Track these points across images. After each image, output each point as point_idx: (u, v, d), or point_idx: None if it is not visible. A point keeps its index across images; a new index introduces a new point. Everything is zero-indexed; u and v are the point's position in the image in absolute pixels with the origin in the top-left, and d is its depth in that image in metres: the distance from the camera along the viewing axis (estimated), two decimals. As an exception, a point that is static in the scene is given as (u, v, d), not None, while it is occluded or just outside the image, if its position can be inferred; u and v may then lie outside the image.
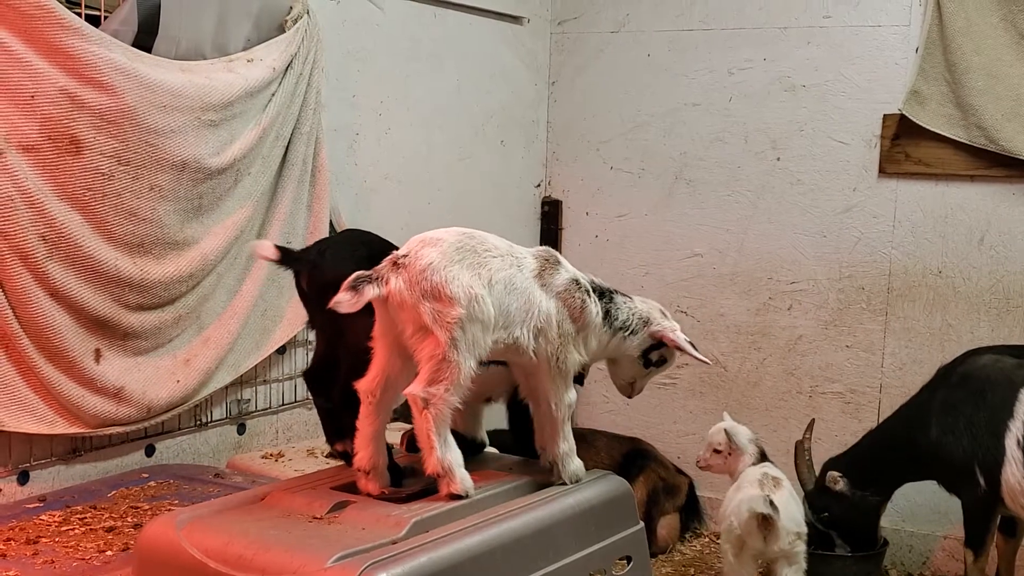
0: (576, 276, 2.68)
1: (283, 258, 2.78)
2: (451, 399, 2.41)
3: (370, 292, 2.40)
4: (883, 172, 4.72)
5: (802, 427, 4.61)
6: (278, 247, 2.78)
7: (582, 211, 5.40)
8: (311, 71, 3.79)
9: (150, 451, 3.59)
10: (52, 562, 2.69)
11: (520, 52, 5.19)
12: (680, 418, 5.19)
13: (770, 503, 3.56)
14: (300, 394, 4.12)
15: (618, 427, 5.17)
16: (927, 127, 4.55)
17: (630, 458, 4.81)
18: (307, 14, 3.77)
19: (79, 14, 3.06)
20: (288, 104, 3.71)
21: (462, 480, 2.48)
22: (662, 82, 5.15)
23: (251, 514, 2.48)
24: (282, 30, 3.69)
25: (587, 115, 5.34)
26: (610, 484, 2.85)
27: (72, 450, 3.33)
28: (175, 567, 2.32)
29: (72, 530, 2.92)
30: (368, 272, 2.43)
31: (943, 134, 4.53)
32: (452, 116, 4.79)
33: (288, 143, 3.77)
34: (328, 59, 3.96)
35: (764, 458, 3.93)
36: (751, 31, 4.93)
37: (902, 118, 4.61)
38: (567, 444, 2.71)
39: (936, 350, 4.62)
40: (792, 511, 3.69)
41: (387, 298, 2.42)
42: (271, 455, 3.82)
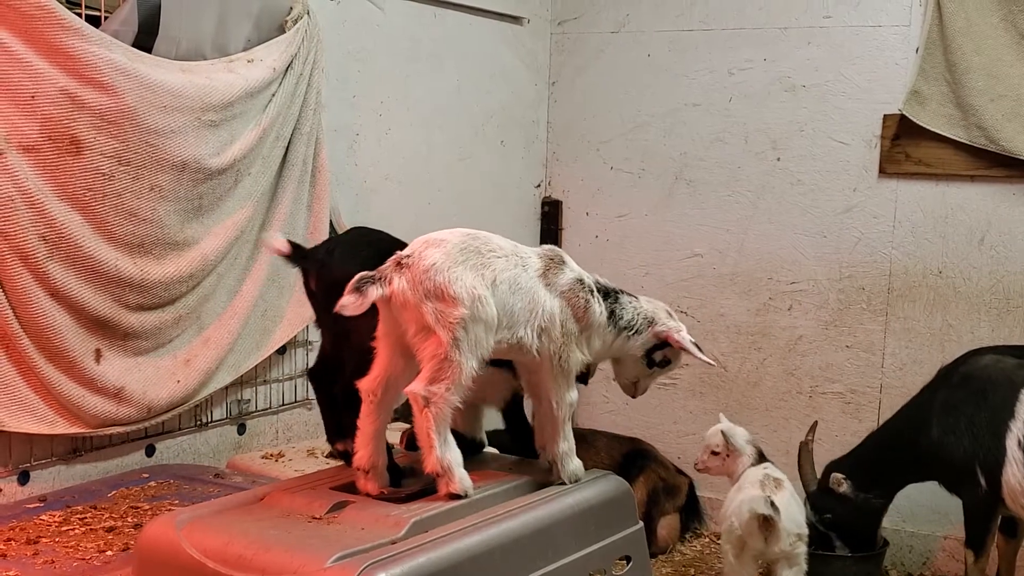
0: (581, 276, 2.68)
1: (293, 254, 2.78)
2: (452, 398, 2.42)
3: (374, 293, 2.41)
4: (883, 172, 4.72)
5: (802, 427, 4.61)
6: (290, 242, 2.77)
7: (582, 211, 5.40)
8: (311, 71, 3.79)
9: (150, 451, 3.59)
10: (52, 562, 2.69)
11: (520, 52, 5.19)
12: (680, 418, 5.19)
13: (771, 504, 3.56)
14: (300, 394, 4.12)
15: (618, 427, 5.17)
16: (927, 127, 4.55)
17: (630, 458, 4.81)
18: (307, 14, 3.77)
19: (79, 15, 3.06)
20: (288, 104, 3.71)
21: (461, 480, 2.49)
22: (662, 82, 5.15)
23: (251, 514, 2.48)
24: (282, 30, 3.69)
25: (587, 115, 5.34)
26: (610, 484, 2.85)
27: (72, 450, 3.34)
28: (175, 567, 2.32)
29: (72, 530, 2.92)
30: (371, 273, 2.44)
31: (943, 134, 4.53)
32: (452, 116, 4.79)
33: (288, 143, 3.77)
34: (328, 59, 3.96)
35: (763, 458, 3.93)
36: (751, 31, 4.93)
37: (902, 118, 4.60)
38: (567, 443, 2.71)
39: (936, 350, 4.62)
40: (793, 512, 3.68)
41: (390, 298, 2.43)
42: (271, 455, 3.82)
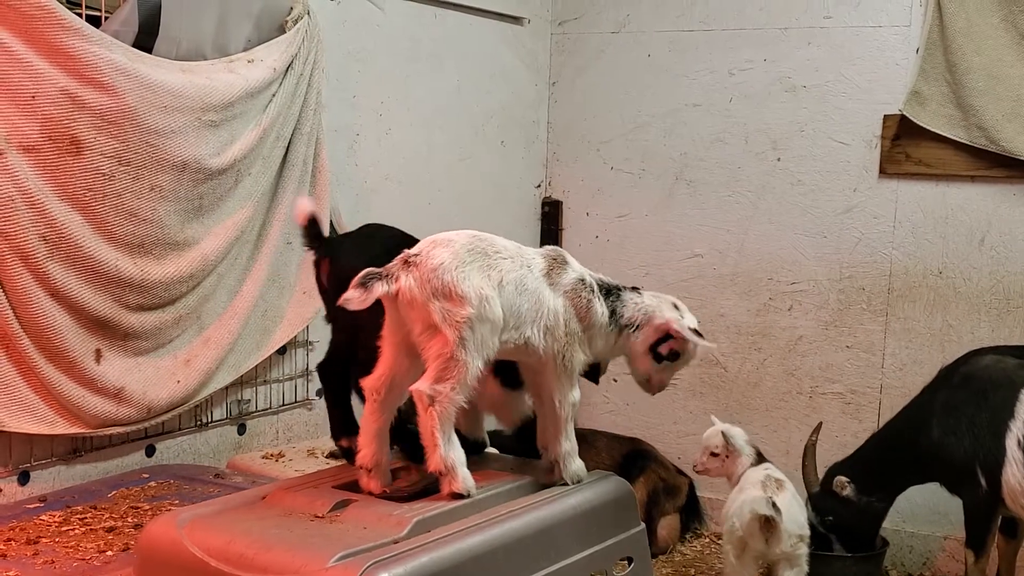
0: (582, 275, 2.69)
1: (310, 228, 2.78)
2: (457, 398, 2.42)
3: (379, 289, 2.41)
4: (883, 173, 4.72)
5: (802, 427, 4.61)
6: (313, 216, 2.77)
7: (582, 211, 5.40)
8: (311, 71, 3.79)
9: (150, 451, 3.59)
10: (52, 562, 2.69)
11: (520, 52, 5.18)
12: (680, 419, 5.19)
13: (773, 505, 3.55)
14: (300, 395, 4.12)
15: (618, 428, 5.17)
16: (927, 127, 4.55)
17: (630, 459, 4.81)
18: (307, 15, 3.76)
19: (80, 15, 3.06)
20: (288, 105, 3.70)
21: (464, 479, 2.48)
22: (663, 83, 5.15)
23: (253, 513, 2.48)
24: (283, 31, 3.69)
25: (587, 115, 5.33)
26: (611, 485, 2.84)
27: (72, 450, 3.33)
28: (177, 566, 2.32)
29: (72, 530, 2.92)
30: (378, 269, 2.45)
31: (943, 135, 4.53)
32: (452, 116, 4.79)
33: (288, 144, 3.76)
34: (328, 59, 3.96)
35: (762, 459, 3.92)
36: (752, 32, 4.93)
37: (902, 119, 4.61)
38: (569, 443, 2.71)
39: (936, 351, 4.62)
40: (795, 513, 3.67)
41: (397, 296, 2.43)
42: (271, 455, 3.82)
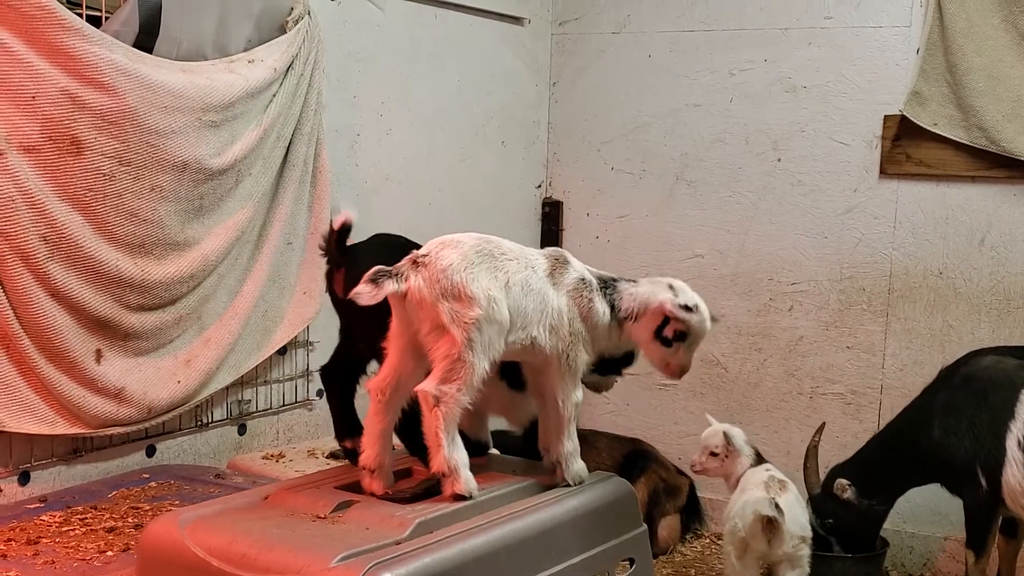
0: (583, 275, 2.70)
1: (338, 239, 2.75)
2: (462, 399, 2.43)
3: (389, 287, 2.42)
4: (884, 173, 4.71)
5: (803, 428, 4.61)
6: (346, 226, 2.73)
7: (583, 212, 5.40)
8: (312, 72, 3.79)
9: (151, 452, 3.58)
10: (53, 563, 2.68)
11: (521, 53, 5.18)
12: (681, 419, 5.19)
13: (775, 506, 3.55)
14: (301, 395, 4.11)
15: (619, 428, 5.17)
16: (928, 128, 4.54)
17: (631, 459, 4.81)
18: (308, 15, 3.76)
19: (80, 15, 3.06)
20: (289, 105, 3.70)
21: (467, 481, 2.49)
22: (663, 83, 5.14)
23: (255, 513, 2.48)
24: (283, 31, 3.69)
25: (588, 116, 5.33)
26: (613, 486, 2.84)
27: (73, 450, 3.33)
28: (178, 566, 2.32)
29: (73, 530, 2.92)
30: (388, 268, 2.45)
31: (944, 135, 4.53)
32: (453, 117, 4.79)
33: (289, 144, 3.76)
34: (329, 60, 3.96)
35: (761, 459, 3.91)
36: (752, 32, 4.93)
37: (903, 119, 4.60)
38: (572, 444, 2.71)
39: (937, 351, 4.61)
40: (797, 515, 3.66)
41: (406, 295, 2.44)
42: (272, 456, 3.82)
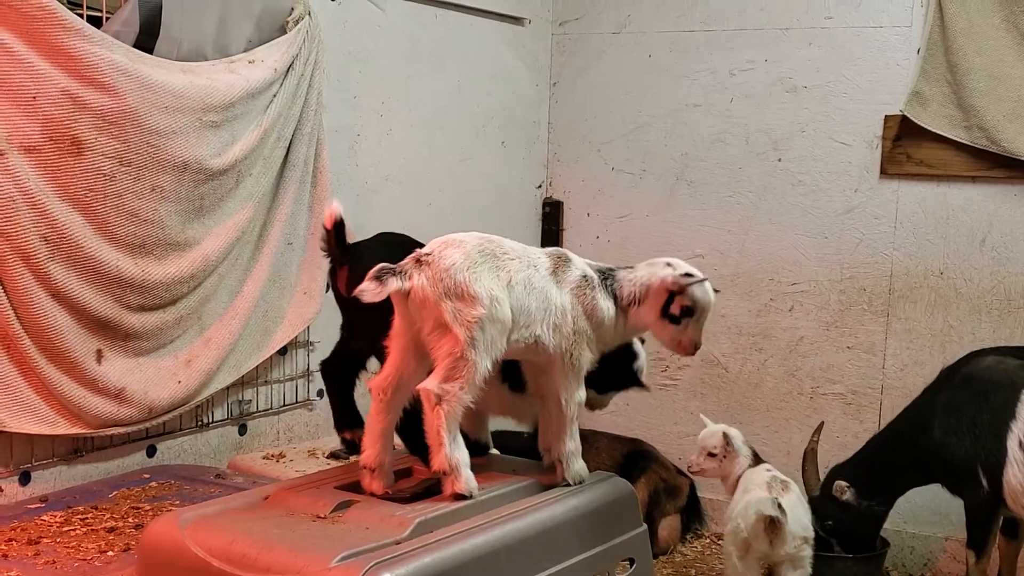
0: (585, 272, 2.70)
1: (335, 235, 2.77)
2: (465, 398, 2.43)
3: (393, 284, 2.43)
4: (884, 173, 4.71)
5: (803, 428, 4.60)
6: (341, 221, 2.77)
7: (583, 212, 5.40)
8: (312, 72, 3.79)
9: (151, 452, 3.59)
10: (53, 563, 2.68)
11: (521, 53, 5.18)
12: (681, 419, 5.18)
13: (778, 506, 3.54)
14: (301, 395, 4.12)
15: (619, 428, 5.16)
16: (928, 128, 4.54)
17: (631, 459, 4.80)
18: (308, 15, 3.76)
19: (81, 15, 3.06)
20: (289, 105, 3.70)
21: (467, 480, 2.49)
22: (663, 83, 5.14)
23: (255, 513, 2.48)
24: (283, 31, 3.69)
25: (588, 116, 5.33)
26: (613, 486, 2.84)
27: (74, 450, 3.33)
28: (179, 566, 2.32)
29: (73, 530, 2.92)
30: (392, 266, 2.46)
31: (944, 135, 4.53)
32: (453, 117, 4.79)
33: (289, 144, 3.76)
34: (329, 60, 3.96)
35: (758, 460, 3.90)
36: (752, 32, 4.93)
37: (903, 119, 4.60)
38: (573, 443, 2.72)
39: (937, 351, 4.61)
40: (799, 515, 3.65)
41: (409, 293, 2.45)
42: (272, 456, 3.82)
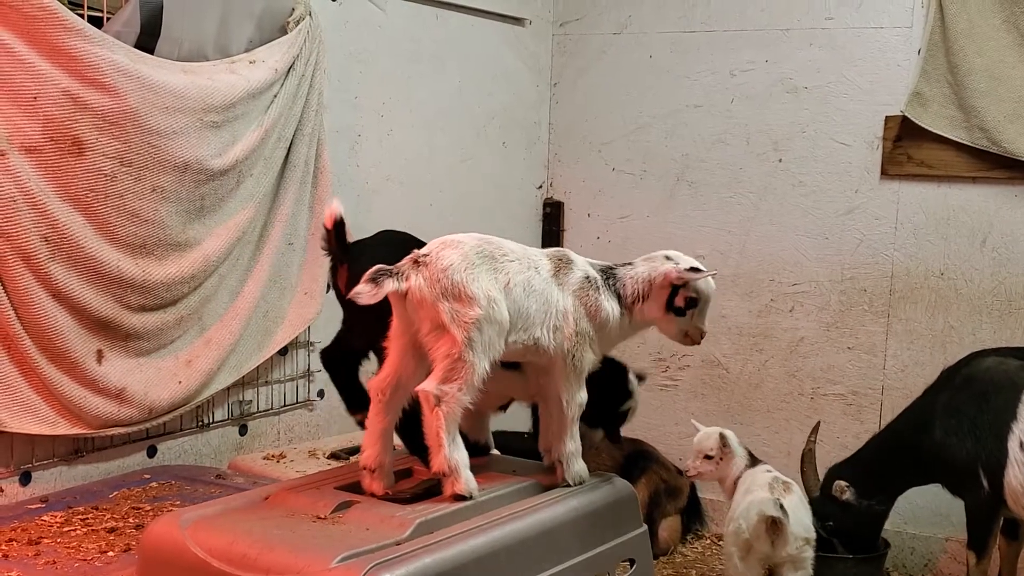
0: (587, 272, 2.70)
1: (335, 234, 2.78)
2: (463, 399, 2.43)
3: (389, 286, 2.43)
4: (885, 174, 4.71)
5: (803, 428, 4.60)
6: (341, 220, 2.78)
7: (584, 212, 5.40)
8: (313, 72, 3.79)
9: (152, 452, 3.59)
10: (54, 563, 2.69)
11: (522, 53, 5.18)
12: (681, 420, 5.18)
13: (780, 507, 3.53)
14: (302, 395, 4.12)
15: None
16: (929, 129, 4.54)
17: (632, 459, 4.80)
18: (309, 15, 3.76)
19: (81, 16, 3.06)
20: (290, 105, 3.70)
21: (467, 481, 2.49)
22: (664, 83, 5.14)
23: (255, 513, 2.48)
24: (284, 31, 3.69)
25: (589, 116, 5.33)
26: (614, 487, 2.84)
27: (74, 451, 3.33)
28: (179, 566, 2.31)
29: (74, 531, 2.92)
30: (389, 267, 2.46)
31: (945, 136, 4.53)
32: (454, 118, 4.79)
33: (290, 144, 3.76)
34: (330, 60, 3.95)
35: (755, 460, 3.89)
36: (753, 33, 4.93)
37: (904, 120, 4.60)
38: (574, 444, 2.72)
39: (938, 352, 4.61)
40: (801, 516, 3.64)
41: (407, 294, 2.44)
42: (273, 456, 3.82)
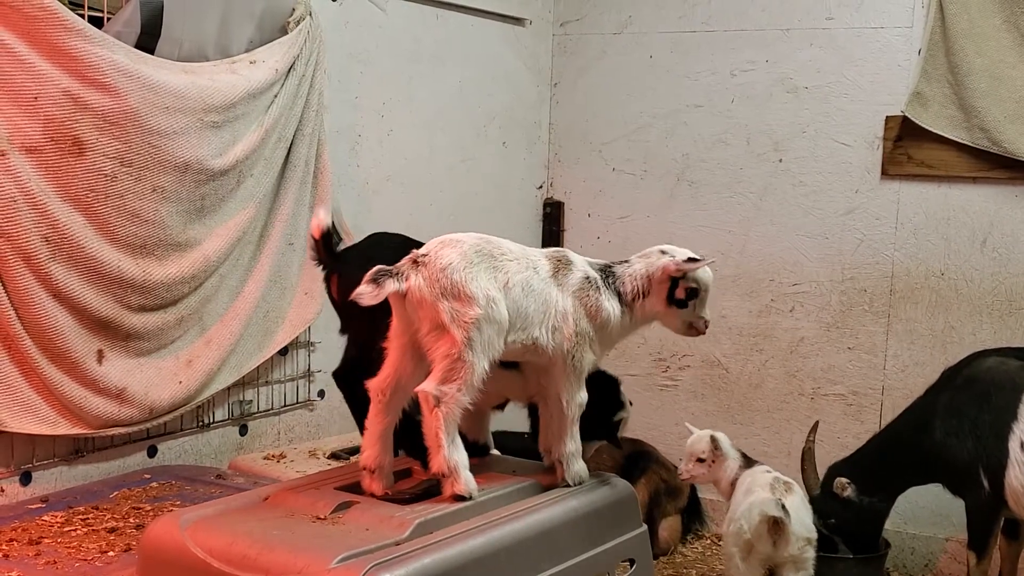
0: (587, 273, 2.70)
1: (323, 244, 2.79)
2: (463, 399, 2.44)
3: (390, 286, 2.43)
4: (885, 174, 4.71)
5: (804, 429, 4.60)
6: (328, 231, 2.78)
7: (584, 213, 5.40)
8: (313, 72, 3.79)
9: (152, 452, 3.59)
10: (54, 563, 2.69)
11: (522, 54, 5.18)
12: (682, 420, 5.13)
13: (782, 507, 3.53)
14: (302, 395, 4.12)
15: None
16: (929, 129, 4.54)
17: (632, 460, 4.80)
18: (309, 16, 3.77)
19: (82, 16, 3.06)
20: (290, 106, 3.70)
21: (467, 481, 2.49)
22: (664, 83, 5.14)
23: (255, 514, 2.48)
24: (284, 32, 3.69)
25: (589, 116, 5.33)
26: (613, 487, 2.85)
27: (74, 451, 3.33)
28: (179, 566, 2.32)
29: (74, 531, 2.92)
30: (389, 267, 2.46)
31: (945, 136, 4.53)
32: (454, 118, 4.79)
33: (290, 145, 3.76)
34: (330, 61, 3.96)
35: (750, 461, 3.88)
36: (753, 33, 4.93)
37: (904, 120, 4.60)
38: (574, 444, 2.72)
39: (938, 352, 4.61)
40: (803, 516, 3.63)
41: (406, 294, 2.45)
42: (273, 456, 3.82)
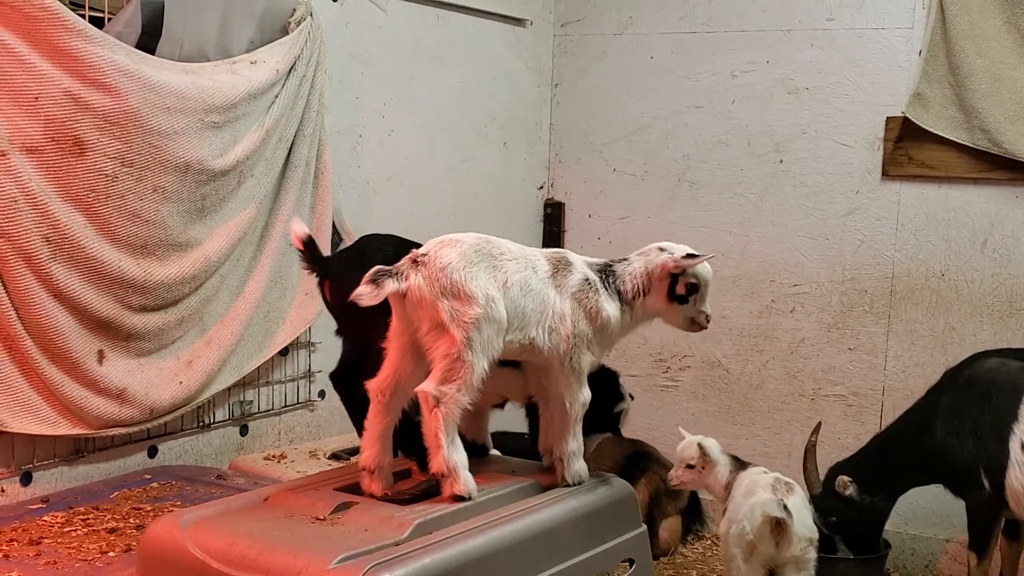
0: (586, 275, 2.69)
1: (307, 250, 2.79)
2: (462, 399, 2.44)
3: (390, 286, 2.43)
4: (886, 175, 4.71)
5: (804, 429, 4.60)
6: (310, 239, 2.78)
7: (584, 213, 5.40)
8: (314, 73, 3.79)
9: (153, 452, 3.59)
10: (55, 563, 2.69)
11: (523, 54, 5.19)
12: (682, 420, 5.16)
13: (784, 508, 3.53)
14: (303, 396, 4.12)
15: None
16: (930, 130, 4.54)
17: (632, 460, 4.79)
18: (310, 16, 3.77)
19: (83, 16, 3.07)
20: (291, 106, 3.71)
21: (466, 482, 2.49)
22: (665, 84, 5.15)
23: (255, 514, 2.49)
24: (285, 32, 3.70)
25: (590, 117, 5.34)
26: (613, 487, 2.85)
27: (75, 451, 3.34)
28: (179, 567, 2.32)
29: (75, 531, 2.93)
30: (388, 268, 2.47)
31: (946, 137, 4.53)
32: (455, 118, 4.79)
33: (291, 145, 3.77)
34: (331, 61, 3.96)
35: (742, 465, 3.86)
36: (754, 33, 4.93)
37: (905, 121, 4.60)
38: (575, 443, 2.72)
39: (939, 353, 4.61)
40: (805, 517, 3.62)
41: (406, 294, 2.45)
42: (273, 456, 3.82)
